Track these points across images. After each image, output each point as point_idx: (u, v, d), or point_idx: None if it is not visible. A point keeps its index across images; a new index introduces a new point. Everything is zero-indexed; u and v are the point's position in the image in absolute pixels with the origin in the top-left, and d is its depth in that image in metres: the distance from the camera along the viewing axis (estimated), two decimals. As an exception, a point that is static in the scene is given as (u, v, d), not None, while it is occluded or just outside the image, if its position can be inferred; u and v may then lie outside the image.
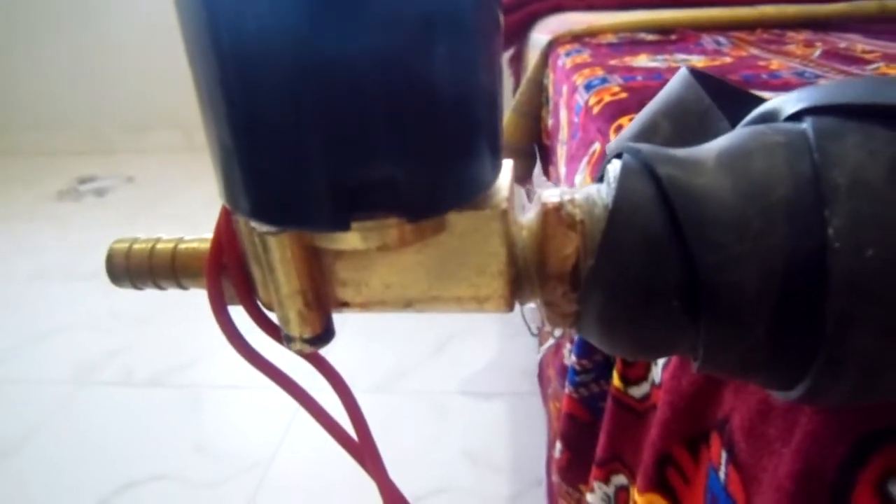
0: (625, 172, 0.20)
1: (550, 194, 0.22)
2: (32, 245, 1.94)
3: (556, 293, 0.22)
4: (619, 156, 0.21)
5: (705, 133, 0.24)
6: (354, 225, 0.20)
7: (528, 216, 0.23)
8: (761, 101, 0.23)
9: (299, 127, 0.18)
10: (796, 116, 0.20)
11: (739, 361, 0.19)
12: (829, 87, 0.19)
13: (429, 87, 0.19)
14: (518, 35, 1.38)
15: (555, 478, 0.56)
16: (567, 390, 0.50)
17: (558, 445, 0.53)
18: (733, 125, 0.24)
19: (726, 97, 0.26)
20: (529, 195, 0.24)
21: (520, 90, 1.07)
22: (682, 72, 0.27)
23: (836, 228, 0.17)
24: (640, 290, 0.19)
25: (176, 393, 1.25)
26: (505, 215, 0.22)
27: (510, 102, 1.10)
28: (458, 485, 0.99)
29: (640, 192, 0.20)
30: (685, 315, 0.19)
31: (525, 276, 0.23)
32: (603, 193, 0.22)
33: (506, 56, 1.54)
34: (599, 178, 0.23)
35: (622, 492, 0.42)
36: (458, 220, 0.22)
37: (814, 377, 0.18)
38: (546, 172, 0.97)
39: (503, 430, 1.10)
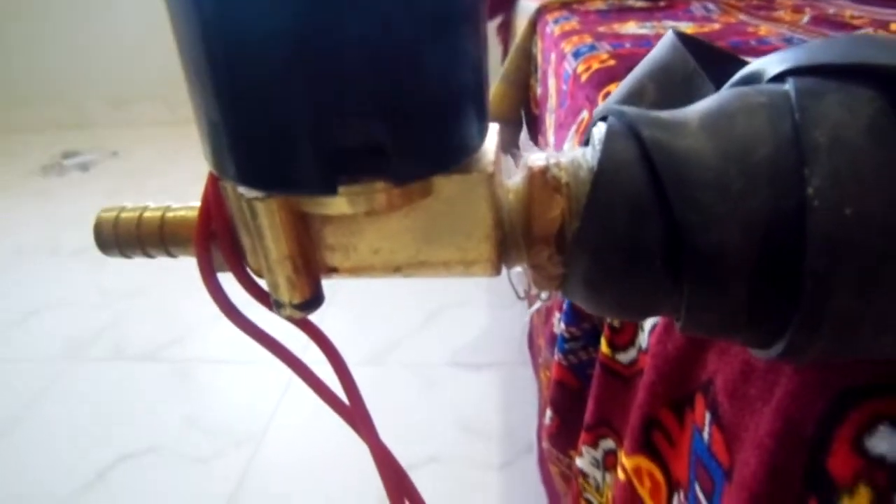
0: (609, 135, 0.20)
1: (536, 158, 0.22)
2: (17, 221, 1.92)
3: (542, 256, 0.22)
4: (604, 119, 0.22)
5: (691, 96, 0.24)
6: (342, 189, 0.20)
7: (514, 180, 0.23)
8: (746, 63, 0.23)
9: (284, 92, 0.18)
10: (779, 77, 0.20)
11: (720, 320, 0.20)
12: (810, 48, 0.20)
13: (412, 51, 0.19)
14: (506, 2, 1.36)
15: (545, 444, 0.57)
16: (556, 358, 0.51)
17: (548, 412, 0.54)
18: (718, 88, 0.24)
19: (711, 60, 0.26)
20: (516, 160, 0.24)
21: (508, 58, 1.06)
22: (669, 35, 0.27)
23: (816, 187, 0.17)
24: (624, 250, 0.20)
25: (167, 368, 1.25)
26: (491, 179, 0.22)
27: (499, 71, 1.09)
28: (449, 454, 1.01)
29: (624, 153, 0.20)
30: (668, 275, 0.20)
31: (511, 239, 0.23)
32: (588, 156, 0.22)
33: (494, 24, 1.52)
34: (585, 142, 0.23)
35: (610, 455, 0.43)
36: (444, 185, 0.22)
37: (791, 335, 0.18)
38: (535, 141, 0.96)
39: (494, 399, 1.11)
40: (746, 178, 0.18)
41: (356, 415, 0.26)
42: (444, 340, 1.27)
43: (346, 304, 1.33)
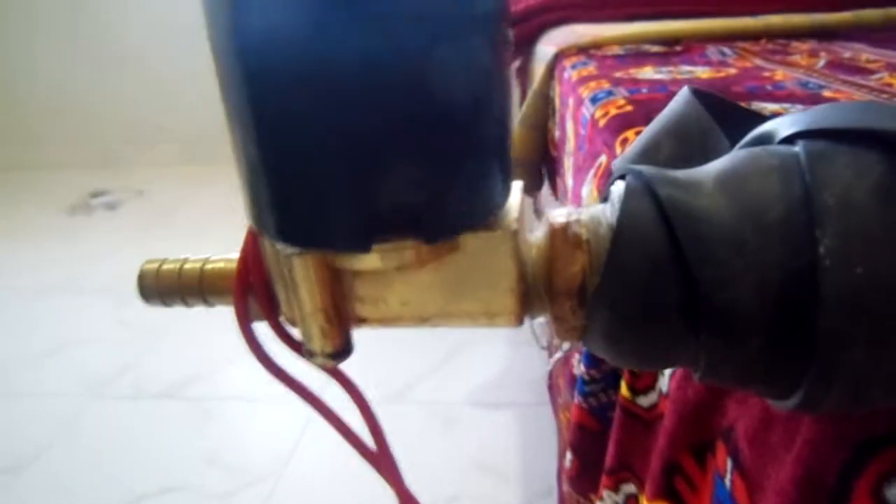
0: (628, 194, 0.21)
1: (557, 214, 0.23)
2: (45, 259, 1.96)
3: (564, 309, 0.23)
4: (622, 177, 0.23)
5: (706, 152, 0.25)
6: (374, 247, 0.21)
7: (536, 235, 0.24)
8: (760, 118, 0.24)
9: (323, 155, 0.20)
10: (790, 139, 0.21)
11: (737, 373, 0.20)
12: (820, 112, 0.21)
13: (446, 116, 0.20)
14: (524, 47, 1.39)
15: (565, 487, 0.57)
16: (576, 400, 0.51)
17: (568, 455, 0.53)
18: (733, 142, 0.25)
19: (727, 115, 0.27)
20: (538, 212, 0.25)
21: (526, 102, 1.08)
22: (685, 91, 0.28)
23: (827, 247, 0.18)
24: (642, 306, 0.20)
25: (186, 406, 1.26)
26: (515, 236, 0.23)
27: (516, 115, 1.11)
28: (468, 494, 1.00)
29: (643, 212, 0.21)
30: (686, 330, 0.20)
31: (534, 292, 0.24)
32: (607, 213, 0.23)
33: (512, 68, 1.55)
34: (604, 199, 0.24)
35: (631, 500, 0.43)
36: (471, 241, 0.23)
37: (807, 389, 0.19)
38: (553, 184, 0.98)
39: (513, 440, 1.10)
40: (760, 238, 0.19)
41: (382, 459, 0.27)
42: (462, 379, 1.26)
43: (364, 341, 1.33)
